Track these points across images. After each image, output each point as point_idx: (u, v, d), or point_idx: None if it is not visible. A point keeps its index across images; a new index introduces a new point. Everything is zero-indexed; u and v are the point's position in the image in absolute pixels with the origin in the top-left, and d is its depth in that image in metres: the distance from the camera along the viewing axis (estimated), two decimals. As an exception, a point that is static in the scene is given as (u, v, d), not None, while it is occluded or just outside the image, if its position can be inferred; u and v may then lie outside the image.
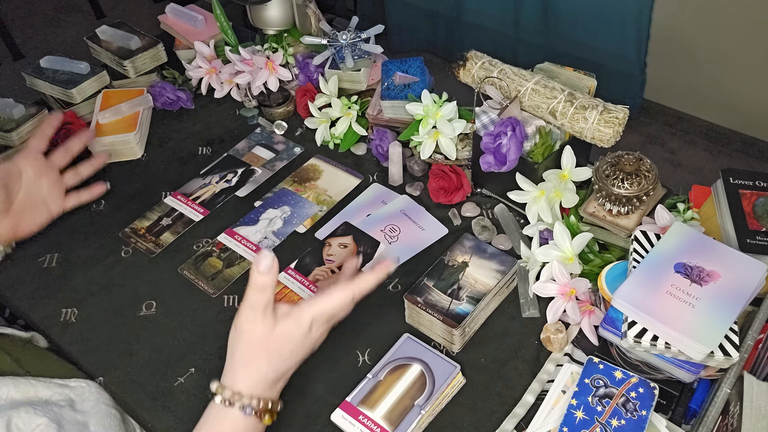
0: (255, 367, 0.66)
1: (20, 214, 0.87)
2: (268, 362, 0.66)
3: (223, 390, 0.66)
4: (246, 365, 0.66)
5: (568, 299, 0.77)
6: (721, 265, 0.70)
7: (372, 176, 1.04)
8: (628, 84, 2.16)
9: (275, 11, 1.11)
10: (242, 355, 0.66)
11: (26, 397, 0.72)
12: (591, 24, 2.08)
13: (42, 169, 0.91)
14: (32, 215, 0.89)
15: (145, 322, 0.86)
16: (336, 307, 0.68)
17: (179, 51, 1.22)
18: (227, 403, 0.65)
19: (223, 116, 1.17)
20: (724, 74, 2.04)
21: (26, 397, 0.72)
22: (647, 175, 0.81)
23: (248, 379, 0.66)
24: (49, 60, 1.17)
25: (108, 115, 1.09)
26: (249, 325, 0.66)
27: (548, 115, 0.88)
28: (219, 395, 0.66)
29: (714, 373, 0.69)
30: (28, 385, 0.73)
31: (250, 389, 0.66)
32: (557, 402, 0.71)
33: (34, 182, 0.90)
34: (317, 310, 0.67)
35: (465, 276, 0.82)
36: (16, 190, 0.88)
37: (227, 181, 1.05)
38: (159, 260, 0.94)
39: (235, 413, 0.65)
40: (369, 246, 0.92)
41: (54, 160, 0.93)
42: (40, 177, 0.90)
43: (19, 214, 0.87)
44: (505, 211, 0.95)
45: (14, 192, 0.87)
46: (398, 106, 1.00)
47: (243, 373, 0.66)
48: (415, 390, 0.73)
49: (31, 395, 0.72)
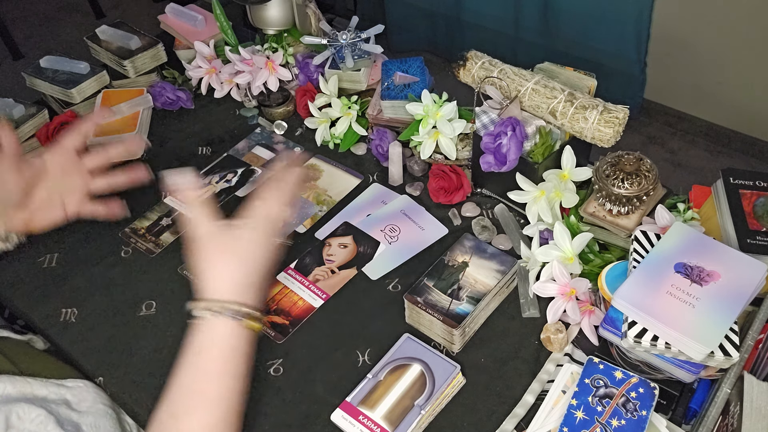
0: (226, 270, 0.68)
1: (36, 209, 0.85)
2: (245, 265, 0.68)
3: (207, 302, 0.66)
4: (217, 272, 0.68)
5: (568, 299, 0.77)
6: (721, 265, 0.70)
7: (372, 176, 1.04)
8: (628, 84, 2.15)
9: (275, 11, 1.11)
10: (208, 263, 0.68)
11: (22, 394, 0.72)
12: (591, 24, 2.08)
13: (70, 169, 0.87)
14: (47, 212, 0.86)
15: (145, 322, 0.86)
16: (279, 208, 0.72)
17: (179, 51, 1.22)
18: (213, 312, 0.66)
19: (223, 116, 1.17)
20: (724, 74, 2.04)
21: (23, 394, 0.72)
22: (647, 175, 0.81)
23: (224, 285, 0.67)
24: (49, 60, 1.17)
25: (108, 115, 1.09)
26: (210, 234, 0.68)
27: (548, 115, 0.88)
28: (204, 308, 0.66)
29: (714, 373, 0.69)
30: (24, 383, 0.73)
31: (231, 294, 0.67)
32: (557, 402, 0.71)
33: (59, 179, 0.87)
34: (266, 213, 0.71)
35: (465, 276, 0.82)
36: (37, 185, 0.85)
37: (227, 181, 1.05)
38: (159, 260, 0.94)
39: (227, 322, 0.66)
40: (369, 246, 0.92)
41: (86, 162, 0.88)
42: (65, 175, 0.87)
43: (35, 210, 0.85)
44: (505, 211, 0.95)
45: (35, 186, 0.85)
46: (398, 106, 1.00)
47: (217, 281, 0.67)
48: (415, 390, 0.73)
49: (27, 393, 0.72)
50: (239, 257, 0.69)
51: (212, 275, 0.68)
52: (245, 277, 0.68)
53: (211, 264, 0.68)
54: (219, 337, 0.66)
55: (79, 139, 0.88)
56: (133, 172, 0.89)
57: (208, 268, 0.68)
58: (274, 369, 0.80)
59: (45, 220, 0.86)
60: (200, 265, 0.68)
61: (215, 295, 0.67)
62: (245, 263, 0.69)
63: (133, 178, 0.89)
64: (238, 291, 0.68)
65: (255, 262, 0.70)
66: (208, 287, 0.67)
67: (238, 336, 0.67)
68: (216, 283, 0.67)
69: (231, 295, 0.67)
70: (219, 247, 0.68)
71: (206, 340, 0.66)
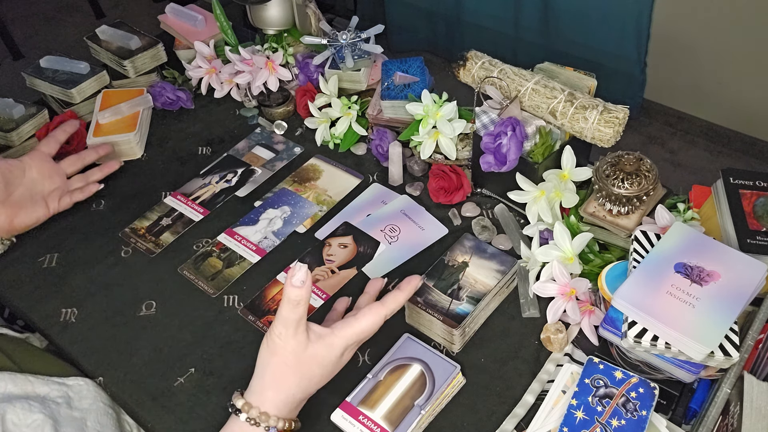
0: (285, 387, 0.65)
1: (18, 206, 0.91)
2: (298, 383, 0.66)
3: (249, 408, 0.64)
4: (276, 386, 0.65)
5: (568, 299, 0.77)
6: (721, 265, 0.70)
7: (372, 176, 1.04)
8: (628, 84, 2.15)
9: (275, 11, 1.11)
10: (273, 374, 0.65)
11: (24, 392, 0.72)
12: (591, 24, 2.08)
13: (48, 173, 0.96)
14: (30, 210, 0.92)
15: (145, 322, 0.86)
16: (369, 331, 0.69)
17: (179, 51, 1.22)
18: (253, 422, 0.64)
19: (223, 116, 1.17)
20: (724, 74, 2.04)
21: (24, 391, 0.72)
22: (647, 175, 0.81)
23: (276, 400, 0.65)
24: (49, 60, 1.17)
25: (108, 115, 1.09)
26: (282, 342, 0.65)
27: (548, 115, 0.88)
28: (245, 413, 0.64)
29: (714, 373, 0.69)
30: (25, 381, 0.73)
31: (278, 410, 0.65)
32: (557, 402, 0.71)
33: (38, 181, 0.94)
34: (351, 335, 0.67)
35: (465, 276, 0.82)
36: (16, 184, 0.92)
37: (227, 181, 1.05)
38: (159, 260, 0.94)
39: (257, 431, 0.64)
40: (369, 246, 0.92)
41: (63, 166, 0.98)
42: (44, 179, 0.95)
43: (16, 207, 0.90)
44: (505, 211, 0.95)
45: (14, 185, 0.91)
46: (398, 106, 1.00)
47: (272, 394, 0.65)
48: (415, 390, 0.73)
49: (28, 390, 0.72)
50: (306, 378, 0.66)
51: (272, 392, 0.65)
52: (302, 394, 0.67)
53: (275, 381, 0.65)
54: None
55: (53, 146, 0.98)
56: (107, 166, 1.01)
57: (271, 383, 0.65)
58: (274, 369, 0.80)
59: (29, 218, 0.92)
60: (265, 373, 0.66)
61: (264, 406, 0.65)
62: (307, 383, 0.66)
63: (107, 171, 1.01)
64: (288, 409, 0.66)
65: (318, 381, 0.67)
66: (263, 396, 0.65)
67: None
68: (272, 398, 0.65)
69: (281, 412, 0.65)
70: (289, 369, 0.65)
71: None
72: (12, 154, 1.06)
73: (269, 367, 0.65)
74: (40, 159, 0.95)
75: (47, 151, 0.97)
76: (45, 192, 0.95)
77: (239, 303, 0.87)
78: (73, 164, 0.99)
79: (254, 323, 0.85)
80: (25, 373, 0.75)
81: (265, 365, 0.66)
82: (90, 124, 1.09)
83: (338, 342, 0.67)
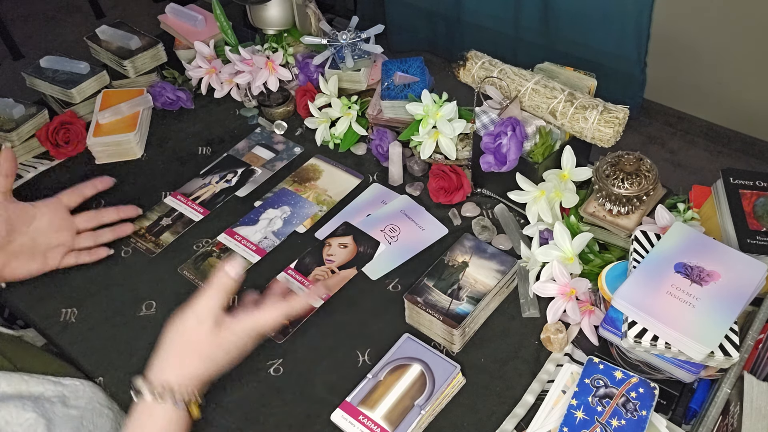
0: (189, 366, 0.69)
1: (13, 255, 0.85)
2: (202, 364, 0.70)
3: (153, 385, 0.68)
4: (180, 364, 0.69)
5: (568, 299, 0.77)
6: (721, 265, 0.70)
7: (372, 176, 1.04)
8: (628, 84, 2.15)
9: (275, 11, 1.11)
10: (178, 354, 0.70)
11: (17, 391, 0.72)
12: (591, 24, 2.08)
13: (58, 226, 0.89)
14: (26, 261, 0.86)
15: (145, 322, 0.86)
16: (269, 325, 0.74)
17: (179, 51, 1.22)
18: (158, 397, 0.67)
19: (223, 116, 1.17)
20: (724, 74, 2.04)
21: (17, 391, 0.72)
22: (647, 175, 0.81)
23: (179, 376, 0.69)
24: (49, 60, 1.17)
25: (108, 115, 1.09)
26: (193, 325, 0.70)
27: (548, 115, 0.88)
28: (147, 390, 0.67)
29: (714, 373, 0.69)
30: (20, 380, 0.73)
31: (182, 386, 0.68)
32: (557, 402, 0.71)
33: (44, 233, 0.88)
34: (252, 326, 0.72)
35: (465, 276, 0.82)
36: (19, 231, 0.85)
37: (227, 181, 1.05)
38: (159, 260, 0.94)
39: (166, 407, 0.67)
40: (369, 246, 0.92)
41: (77, 222, 0.91)
42: (52, 230, 0.88)
43: (11, 255, 0.84)
44: (505, 211, 0.95)
45: (17, 232, 0.85)
46: (398, 106, 1.00)
47: (176, 371, 0.69)
48: (415, 390, 0.73)
49: (22, 390, 0.72)
50: (210, 360, 0.70)
51: (175, 369, 0.69)
52: (205, 374, 0.70)
53: (180, 361, 0.70)
54: (160, 422, 0.68)
55: (75, 199, 0.92)
56: (120, 229, 0.94)
57: (174, 362, 0.70)
58: (274, 369, 0.80)
59: (21, 269, 0.85)
60: (169, 352, 0.70)
61: (167, 381, 0.68)
62: (212, 364, 0.70)
63: (119, 234, 0.94)
64: (192, 384, 0.69)
65: (222, 364, 0.72)
66: (166, 372, 0.69)
67: (176, 420, 0.68)
68: (175, 374, 0.69)
69: (180, 387, 0.68)
70: (194, 352, 0.70)
71: (146, 421, 0.68)
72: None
73: (175, 347, 0.70)
74: (55, 209, 0.89)
75: (66, 203, 0.91)
76: (49, 245, 0.88)
77: (239, 303, 0.87)
78: (88, 221, 0.92)
79: (254, 323, 0.85)
80: (19, 372, 0.75)
81: (171, 345, 0.70)
82: (90, 124, 1.09)
83: (241, 331, 0.71)
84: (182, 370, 0.69)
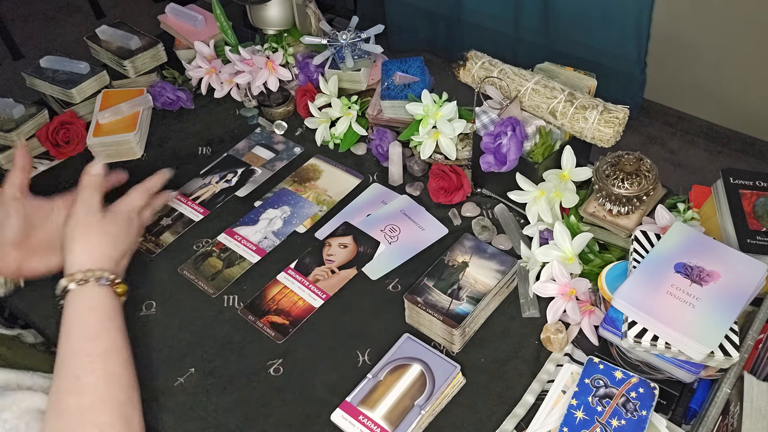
0: (97, 246, 0.77)
1: (32, 251, 0.82)
2: (108, 241, 0.78)
3: (72, 276, 0.73)
4: (89, 248, 0.76)
5: (568, 299, 0.77)
6: (721, 265, 0.70)
7: (372, 176, 1.04)
8: (628, 84, 2.15)
9: (275, 11, 1.11)
10: (82, 241, 0.77)
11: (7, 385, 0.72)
12: (591, 24, 2.08)
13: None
14: (44, 257, 0.83)
15: (145, 322, 0.86)
16: (136, 202, 0.86)
17: (179, 51, 1.22)
18: (82, 281, 0.72)
19: (223, 116, 1.17)
20: (724, 74, 2.04)
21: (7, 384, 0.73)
22: (647, 175, 0.81)
23: (93, 258, 0.75)
24: (49, 60, 1.17)
25: (108, 115, 1.09)
26: (85, 217, 0.78)
27: (548, 115, 0.88)
28: (71, 281, 0.72)
29: (714, 373, 0.69)
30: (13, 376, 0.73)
31: (99, 263, 0.75)
32: (557, 402, 0.71)
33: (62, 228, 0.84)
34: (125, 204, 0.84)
35: (465, 276, 0.82)
36: (38, 227, 0.83)
37: (227, 181, 1.05)
38: (159, 260, 0.94)
39: (91, 289, 0.72)
40: (369, 246, 0.92)
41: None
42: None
43: (30, 252, 0.82)
44: (505, 211, 0.95)
45: (35, 228, 0.83)
46: (398, 106, 1.00)
47: (87, 255, 0.75)
48: (415, 390, 0.73)
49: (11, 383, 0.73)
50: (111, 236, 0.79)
51: (86, 254, 0.76)
52: (115, 251, 0.78)
53: (86, 245, 0.77)
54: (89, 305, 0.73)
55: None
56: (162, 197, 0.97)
57: (82, 248, 0.76)
58: (274, 369, 0.80)
59: (40, 265, 0.83)
60: (74, 244, 0.76)
61: (84, 266, 0.74)
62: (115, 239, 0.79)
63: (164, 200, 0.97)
64: (108, 263, 0.77)
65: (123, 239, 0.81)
66: (78, 259, 0.75)
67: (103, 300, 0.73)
68: (88, 258, 0.75)
69: (102, 265, 0.76)
70: (95, 233, 0.78)
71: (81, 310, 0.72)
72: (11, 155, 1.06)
73: (77, 238, 0.77)
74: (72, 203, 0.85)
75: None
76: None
77: (239, 303, 0.87)
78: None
79: (254, 323, 0.85)
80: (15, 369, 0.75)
81: (72, 239, 0.77)
82: (90, 124, 1.09)
83: (119, 209, 0.83)
84: (92, 253, 0.76)
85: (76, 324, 0.71)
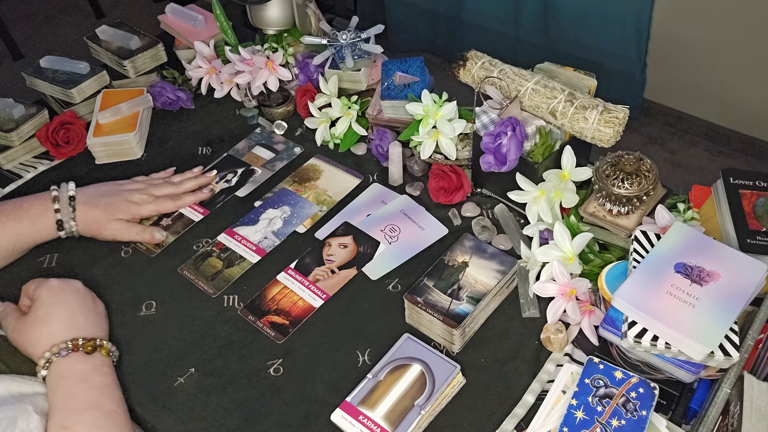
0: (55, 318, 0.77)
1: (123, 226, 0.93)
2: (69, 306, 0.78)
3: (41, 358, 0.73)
4: (42, 322, 0.76)
5: (568, 299, 0.77)
6: (721, 265, 0.70)
7: (372, 176, 1.04)
8: (628, 84, 2.15)
9: (275, 11, 1.11)
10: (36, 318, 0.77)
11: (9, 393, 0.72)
12: (591, 24, 2.08)
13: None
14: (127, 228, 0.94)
15: (145, 322, 0.86)
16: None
17: (179, 51, 1.22)
18: (45, 365, 0.73)
19: (223, 116, 1.17)
20: (724, 74, 2.04)
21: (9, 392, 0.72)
22: (647, 175, 0.81)
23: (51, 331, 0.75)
24: (49, 60, 1.17)
25: (108, 115, 1.09)
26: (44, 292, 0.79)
27: (548, 115, 0.88)
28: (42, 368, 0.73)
29: (714, 373, 0.69)
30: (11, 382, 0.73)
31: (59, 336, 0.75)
32: (557, 402, 0.71)
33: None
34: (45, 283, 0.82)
35: (465, 276, 0.82)
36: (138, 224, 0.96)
37: (227, 181, 1.05)
38: (159, 260, 0.94)
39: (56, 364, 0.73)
40: (369, 246, 0.92)
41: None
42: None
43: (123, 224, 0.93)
44: (505, 211, 0.95)
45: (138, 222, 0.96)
46: (398, 106, 1.00)
47: (40, 330, 0.75)
48: (415, 390, 0.73)
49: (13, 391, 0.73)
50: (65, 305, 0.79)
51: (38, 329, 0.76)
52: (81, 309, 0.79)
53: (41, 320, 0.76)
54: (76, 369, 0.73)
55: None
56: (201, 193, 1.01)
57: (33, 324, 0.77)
58: (274, 369, 0.80)
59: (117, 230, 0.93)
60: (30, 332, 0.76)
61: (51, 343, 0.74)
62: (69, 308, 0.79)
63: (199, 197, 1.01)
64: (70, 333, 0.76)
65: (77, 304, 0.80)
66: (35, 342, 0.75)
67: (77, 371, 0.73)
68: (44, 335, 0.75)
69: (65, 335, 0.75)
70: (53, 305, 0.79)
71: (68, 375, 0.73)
72: (11, 155, 1.07)
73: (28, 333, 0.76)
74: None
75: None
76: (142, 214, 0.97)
77: (239, 303, 0.87)
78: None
79: (254, 323, 0.85)
80: (11, 375, 0.75)
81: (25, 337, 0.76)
82: (90, 124, 1.09)
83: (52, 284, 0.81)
84: (49, 328, 0.76)
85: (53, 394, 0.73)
